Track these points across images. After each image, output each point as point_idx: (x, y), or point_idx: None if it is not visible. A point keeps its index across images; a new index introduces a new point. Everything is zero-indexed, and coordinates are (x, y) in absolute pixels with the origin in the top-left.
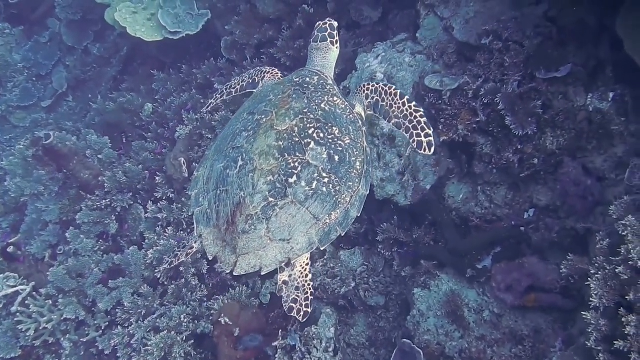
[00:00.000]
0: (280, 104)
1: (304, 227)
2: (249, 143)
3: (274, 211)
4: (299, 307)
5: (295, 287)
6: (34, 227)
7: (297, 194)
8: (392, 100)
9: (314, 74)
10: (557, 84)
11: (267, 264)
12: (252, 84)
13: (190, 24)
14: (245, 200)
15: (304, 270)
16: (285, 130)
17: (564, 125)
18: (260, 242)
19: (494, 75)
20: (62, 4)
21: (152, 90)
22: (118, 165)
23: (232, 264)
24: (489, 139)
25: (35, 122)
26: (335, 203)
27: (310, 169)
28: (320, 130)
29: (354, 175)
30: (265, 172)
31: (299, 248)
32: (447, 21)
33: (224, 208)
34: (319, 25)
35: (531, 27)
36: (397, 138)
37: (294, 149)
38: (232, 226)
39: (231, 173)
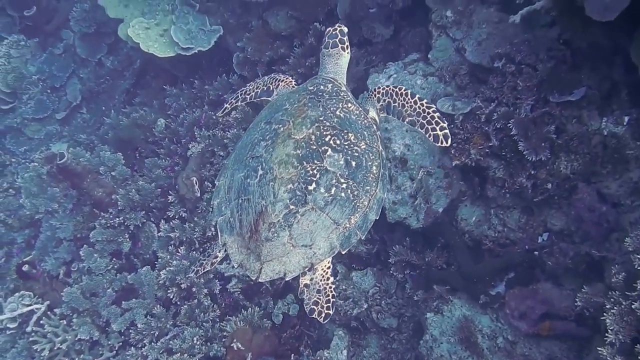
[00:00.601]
0: (296, 113)
1: (325, 233)
2: (268, 152)
3: (296, 218)
4: (320, 309)
5: (317, 290)
6: (48, 244)
7: (316, 201)
8: (404, 100)
9: (328, 82)
10: (571, 108)
11: (291, 270)
12: (266, 92)
13: (203, 39)
14: (267, 209)
15: (325, 274)
16: (303, 139)
17: (578, 149)
18: (284, 249)
19: (506, 99)
20: (77, 17)
21: (164, 104)
22: (131, 182)
23: (257, 271)
24: (501, 163)
25: (50, 134)
26: (354, 207)
27: (328, 176)
28: (336, 137)
29: (371, 179)
30: (285, 181)
31: (321, 253)
32: (459, 42)
33: (247, 217)
34: (329, 32)
35: (544, 50)
36: (408, 161)
37: (312, 156)
38: (255, 234)
39: (252, 182)
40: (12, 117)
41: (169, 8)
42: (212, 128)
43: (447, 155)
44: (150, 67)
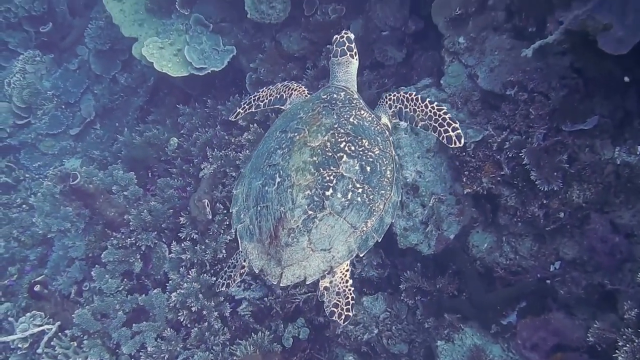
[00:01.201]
0: (311, 121)
1: (343, 237)
2: (284, 160)
3: (314, 223)
4: (340, 312)
5: (336, 292)
6: (60, 263)
7: (334, 206)
8: (415, 104)
9: (340, 90)
10: (584, 137)
11: (311, 274)
12: (279, 100)
13: (216, 59)
14: (286, 215)
15: (344, 277)
16: (319, 146)
17: (590, 178)
18: (303, 254)
19: (518, 127)
20: (92, 34)
21: (177, 123)
22: (143, 202)
23: (278, 276)
24: (513, 191)
25: (64, 150)
26: (370, 211)
27: (344, 181)
28: (351, 144)
29: (386, 184)
30: (302, 187)
31: (340, 256)
32: (471, 69)
33: (266, 223)
34: (336, 40)
35: (557, 78)
36: (420, 188)
37: (328, 163)
38: (275, 240)
39: (270, 189)
40: (26, 133)
41: (182, 28)
42: (224, 148)
43: (459, 182)
44: (163, 85)
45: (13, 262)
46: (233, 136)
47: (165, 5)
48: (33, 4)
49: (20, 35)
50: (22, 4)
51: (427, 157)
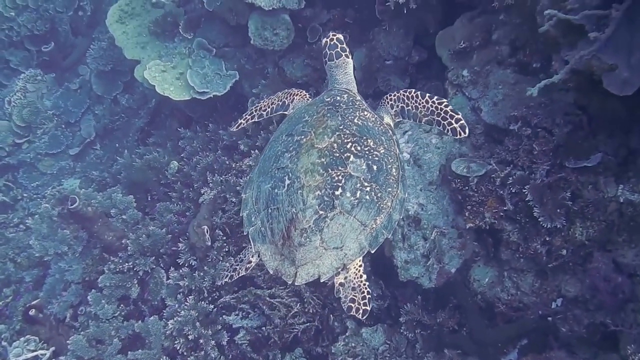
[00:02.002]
0: (317, 124)
1: (353, 234)
2: (293, 163)
3: (325, 222)
4: (357, 306)
5: (352, 287)
6: (56, 287)
7: (344, 205)
8: (416, 102)
9: (343, 92)
10: (587, 174)
11: (325, 272)
12: (282, 106)
13: (218, 84)
14: (298, 216)
15: (358, 272)
16: (326, 148)
17: (593, 216)
18: (316, 252)
19: (522, 162)
20: (94, 55)
21: (178, 146)
22: (142, 226)
23: (292, 275)
24: (516, 226)
25: (63, 170)
26: (379, 209)
27: (352, 180)
28: (356, 144)
29: (392, 181)
30: (312, 188)
31: (352, 253)
32: (475, 102)
33: (277, 225)
34: (327, 43)
35: (561, 115)
36: (422, 221)
37: (336, 163)
38: (288, 240)
39: (280, 192)
40: (25, 152)
41: (185, 52)
42: (225, 173)
43: (462, 215)
44: (165, 106)
45: (8, 284)
46: (234, 161)
47: (169, 28)
48: (36, 23)
49: (22, 54)
50: (25, 23)
51: (429, 189)
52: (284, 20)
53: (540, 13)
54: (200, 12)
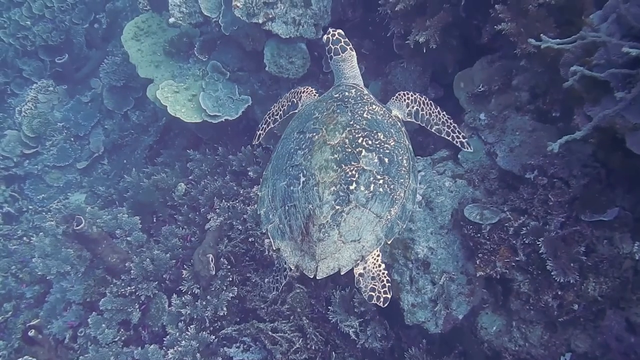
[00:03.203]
0: (327, 120)
1: (370, 227)
2: (306, 160)
3: (342, 217)
4: (378, 295)
5: (371, 277)
6: (57, 306)
7: (358, 198)
8: (430, 109)
9: (350, 87)
10: (603, 228)
11: (344, 264)
12: (292, 106)
13: (230, 108)
14: (315, 212)
15: (376, 262)
16: (338, 143)
17: (607, 272)
18: (335, 246)
19: (536, 211)
20: (107, 69)
21: (186, 168)
22: (146, 249)
23: (313, 270)
24: (527, 277)
25: (69, 183)
26: (392, 200)
27: (366, 174)
28: (367, 138)
29: (404, 172)
30: (327, 184)
31: (369, 245)
32: (490, 146)
33: (295, 221)
34: (328, 39)
35: (578, 166)
36: (431, 265)
37: (349, 159)
38: (307, 236)
39: (295, 189)
40: (33, 163)
41: (199, 73)
42: (232, 199)
43: (472, 261)
44: (175, 125)
45: (9, 299)
46: (242, 187)
47: (184, 49)
48: (51, 33)
49: (35, 64)
50: (40, 33)
51: (440, 233)
52: (300, 49)
53: (564, 65)
54: (216, 35)
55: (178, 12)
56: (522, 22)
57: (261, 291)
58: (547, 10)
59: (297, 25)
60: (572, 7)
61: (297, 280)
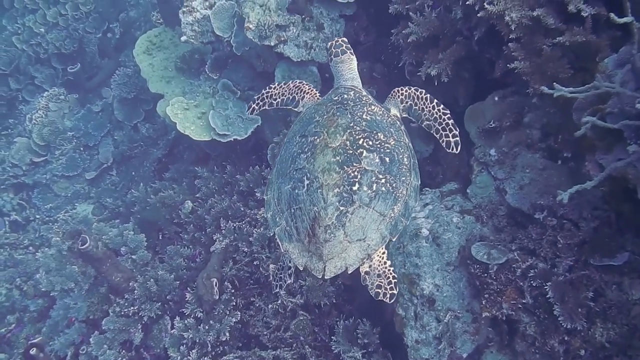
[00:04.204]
0: (328, 123)
1: (374, 225)
2: (309, 163)
3: (347, 217)
4: (385, 291)
5: (377, 274)
6: (59, 323)
7: (362, 198)
8: (424, 104)
9: (349, 89)
10: (612, 273)
11: (351, 263)
12: (292, 101)
13: (240, 127)
14: (320, 214)
15: (382, 259)
16: (339, 146)
17: (616, 319)
18: (341, 246)
19: (544, 253)
20: (118, 81)
21: (193, 185)
22: (151, 268)
23: (321, 270)
24: (534, 319)
25: (77, 193)
26: (395, 198)
27: (368, 175)
28: (368, 139)
29: (405, 170)
30: (331, 186)
31: (375, 243)
32: (500, 182)
33: (302, 223)
34: (331, 45)
35: (589, 209)
36: (436, 302)
37: (350, 160)
38: (313, 238)
39: (300, 192)
40: (42, 172)
41: (210, 91)
42: (239, 220)
43: (478, 300)
44: (184, 138)
45: (12, 311)
46: (249, 208)
47: (195, 66)
48: (64, 41)
49: (47, 71)
50: (53, 41)
51: (446, 270)
52: (311, 72)
53: (577, 110)
54: (227, 54)
55: (190, 31)
56: (535, 62)
57: (264, 316)
58: (561, 50)
59: (309, 49)
60: (586, 49)
61: (301, 307)
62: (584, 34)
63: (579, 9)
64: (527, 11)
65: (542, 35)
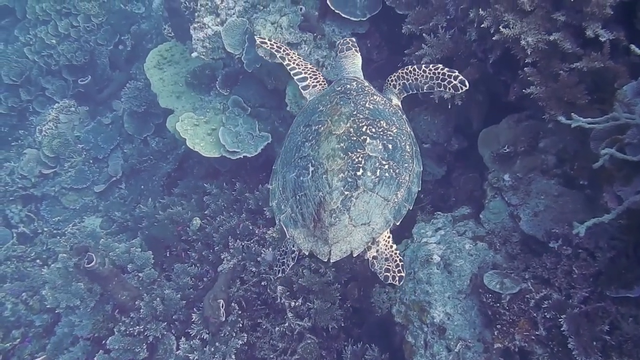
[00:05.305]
0: (331, 112)
1: (378, 210)
2: (314, 150)
3: (352, 202)
4: (393, 274)
5: (385, 258)
6: (64, 340)
7: (366, 184)
8: (414, 74)
9: (352, 80)
10: (628, 305)
11: (356, 247)
12: (302, 79)
13: (250, 145)
14: (326, 198)
15: (388, 244)
16: (343, 133)
17: (632, 352)
18: (346, 230)
19: (559, 282)
20: (129, 94)
21: (202, 201)
22: (157, 287)
23: (327, 254)
24: (547, 351)
25: (86, 206)
26: (398, 184)
27: (371, 160)
28: (371, 126)
29: (407, 157)
30: (336, 172)
31: (379, 227)
32: (514, 209)
33: (307, 209)
34: (340, 42)
35: (605, 238)
36: (447, 330)
37: (355, 146)
38: (319, 222)
39: (305, 179)
40: (50, 185)
41: (220, 107)
42: (247, 239)
43: (489, 329)
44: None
45: (18, 326)
46: (257, 227)
47: (206, 81)
48: (75, 53)
49: (58, 83)
50: (65, 52)
51: (458, 298)
52: None
53: (594, 139)
54: (238, 70)
55: (201, 47)
56: (551, 87)
57: (271, 339)
58: (579, 75)
59: (321, 67)
60: (604, 74)
61: (309, 331)
62: (602, 60)
63: (597, 34)
64: (544, 35)
65: (559, 60)
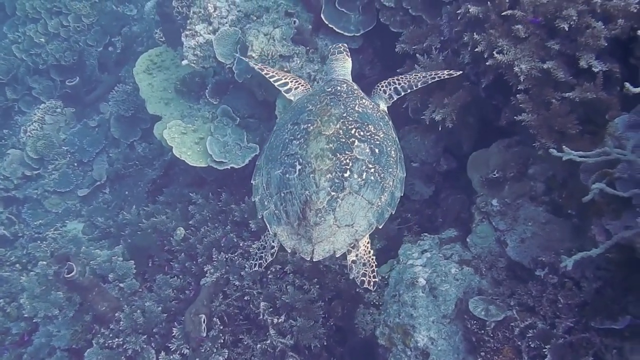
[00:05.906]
0: (321, 112)
1: (362, 212)
2: (302, 149)
3: (337, 203)
4: (369, 279)
5: (363, 263)
6: (41, 351)
7: (352, 185)
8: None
9: (342, 82)
10: (613, 337)
11: (339, 247)
12: (283, 85)
13: (237, 155)
14: (312, 197)
15: (367, 249)
16: (332, 134)
17: None
18: (331, 230)
19: (544, 311)
20: (117, 98)
21: (187, 210)
22: (138, 298)
23: (310, 252)
24: None
25: (68, 210)
26: (383, 188)
27: (358, 163)
28: (360, 129)
29: (392, 162)
30: (323, 172)
31: (362, 230)
32: (501, 234)
33: (292, 207)
34: (332, 47)
35: (592, 268)
36: (430, 355)
37: (343, 148)
38: (304, 221)
39: (291, 177)
40: (33, 187)
41: (208, 116)
42: (231, 252)
43: (473, 355)
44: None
45: None
46: (242, 239)
47: (195, 89)
48: (64, 53)
49: (45, 83)
50: (53, 52)
51: (442, 322)
52: None
53: (584, 171)
54: (229, 80)
55: (192, 55)
56: (543, 115)
57: (252, 355)
58: (570, 105)
59: (312, 81)
60: (596, 105)
61: (291, 349)
62: (594, 91)
63: (591, 64)
64: (537, 63)
65: (552, 88)
